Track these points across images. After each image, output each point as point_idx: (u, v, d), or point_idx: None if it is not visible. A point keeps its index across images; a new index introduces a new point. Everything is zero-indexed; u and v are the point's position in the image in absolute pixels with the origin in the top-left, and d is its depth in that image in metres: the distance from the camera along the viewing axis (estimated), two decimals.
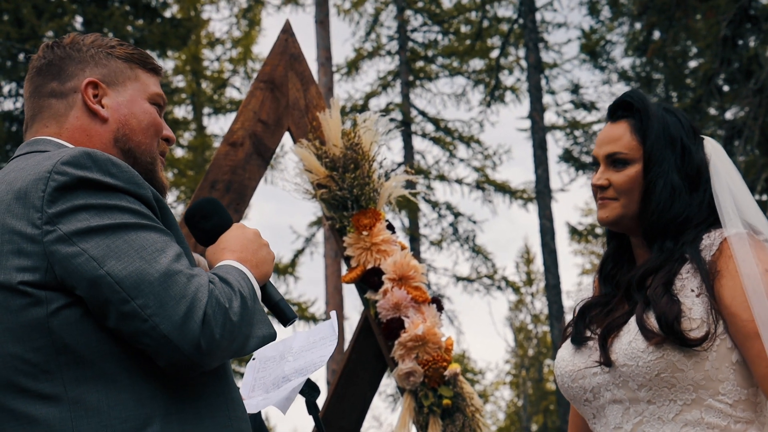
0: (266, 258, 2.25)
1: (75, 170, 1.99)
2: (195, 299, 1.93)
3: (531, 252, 35.62)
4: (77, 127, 2.25)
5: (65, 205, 1.97)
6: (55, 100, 2.27)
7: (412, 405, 4.53)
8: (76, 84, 2.26)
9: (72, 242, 1.94)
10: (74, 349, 1.96)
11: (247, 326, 2.03)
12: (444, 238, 23.08)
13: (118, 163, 2.05)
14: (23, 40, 15.13)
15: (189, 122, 22.12)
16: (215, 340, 1.94)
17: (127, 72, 2.31)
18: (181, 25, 17.36)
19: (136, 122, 2.28)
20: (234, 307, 1.99)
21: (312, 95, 4.93)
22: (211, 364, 1.97)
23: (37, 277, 1.96)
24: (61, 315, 1.95)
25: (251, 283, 2.13)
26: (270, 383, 3.37)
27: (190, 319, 1.92)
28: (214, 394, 2.10)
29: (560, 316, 19.06)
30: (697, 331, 2.43)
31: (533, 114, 20.57)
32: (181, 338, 1.91)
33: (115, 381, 1.97)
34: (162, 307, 1.91)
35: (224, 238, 2.26)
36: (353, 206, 4.64)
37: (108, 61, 2.30)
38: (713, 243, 2.53)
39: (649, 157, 2.61)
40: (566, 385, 2.64)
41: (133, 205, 2.02)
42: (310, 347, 3.38)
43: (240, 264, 2.17)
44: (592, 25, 23.01)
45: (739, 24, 15.23)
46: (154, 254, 1.96)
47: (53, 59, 2.30)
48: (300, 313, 21.09)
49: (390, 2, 23.75)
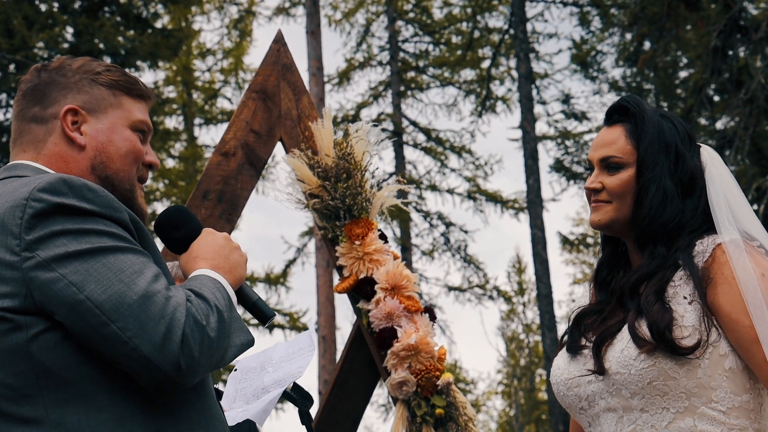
0: (239, 261, 2.27)
1: (51, 197, 2.01)
2: (173, 320, 1.95)
3: (522, 261, 35.65)
4: (54, 153, 2.26)
5: (43, 231, 1.98)
6: (36, 125, 2.28)
7: (405, 414, 4.52)
8: (57, 110, 2.27)
9: (51, 268, 1.96)
10: (54, 372, 1.97)
11: (224, 339, 2.05)
12: (435, 248, 23.08)
13: (93, 188, 2.07)
14: (14, 50, 15.11)
15: (180, 133, 22.09)
16: (194, 359, 1.97)
17: (109, 99, 2.31)
18: (172, 36, 17.34)
19: (114, 149, 2.28)
20: (211, 323, 2.02)
21: (304, 105, 4.93)
22: (191, 381, 2.00)
23: (17, 303, 1.97)
24: (41, 339, 1.97)
25: (226, 293, 2.14)
26: (250, 394, 3.38)
27: (170, 340, 1.94)
28: (194, 411, 2.12)
29: (552, 325, 19.05)
30: (688, 339, 2.43)
31: (524, 124, 20.60)
32: (161, 359, 1.94)
33: (95, 402, 1.99)
34: (142, 329, 1.93)
35: (195, 246, 2.28)
36: (345, 216, 4.64)
37: (91, 88, 2.30)
38: (706, 249, 2.53)
39: (643, 162, 2.62)
40: (562, 394, 2.64)
41: (110, 228, 2.04)
42: (289, 358, 3.39)
43: (213, 272, 2.19)
44: (583, 36, 23.06)
45: (729, 34, 15.28)
46: (132, 276, 1.98)
47: (38, 84, 2.31)
48: (291, 324, 21.05)
49: (381, 13, 23.78)
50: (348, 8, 23.57)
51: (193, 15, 21.63)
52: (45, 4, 16.10)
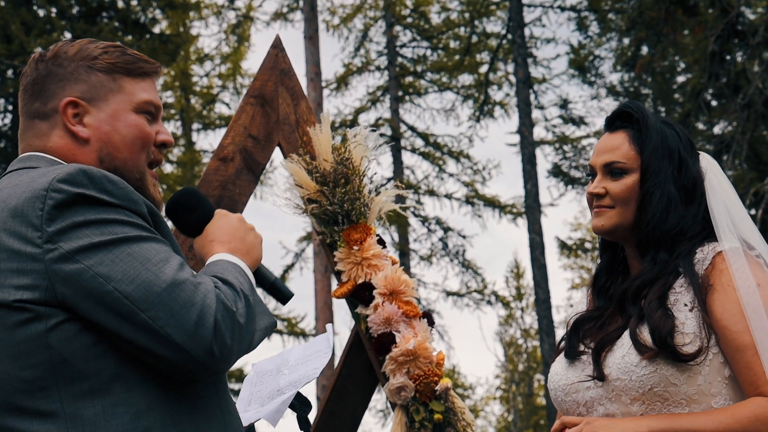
0: (255, 243, 2.26)
1: (72, 187, 1.98)
2: (204, 306, 1.94)
3: (520, 267, 35.65)
4: (61, 147, 2.21)
5: (64, 222, 1.95)
6: (39, 121, 2.24)
7: (404, 420, 4.51)
8: (56, 104, 2.20)
9: (75, 260, 1.93)
10: (71, 364, 1.95)
11: (251, 323, 2.05)
12: (434, 253, 23.08)
13: (113, 180, 2.04)
14: (12, 56, 15.11)
15: (178, 138, 22.10)
16: (227, 345, 1.96)
17: (109, 84, 2.22)
18: (170, 41, 17.36)
19: (119, 138, 2.21)
20: (240, 309, 2.01)
21: (302, 110, 4.93)
22: (225, 368, 1.99)
23: (37, 295, 1.94)
24: (60, 330, 1.95)
25: (247, 277, 2.14)
26: (266, 396, 3.37)
27: (202, 327, 1.93)
28: (211, 406, 2.10)
29: (550, 330, 19.05)
30: (689, 346, 2.43)
31: (522, 129, 20.61)
32: (195, 346, 1.93)
33: (111, 395, 1.96)
34: (173, 317, 1.92)
35: (211, 230, 2.26)
36: (344, 221, 4.63)
37: (89, 76, 2.21)
38: (706, 257, 2.54)
39: (647, 168, 2.62)
40: (559, 399, 2.64)
41: (131, 219, 2.01)
42: (305, 360, 3.38)
43: (232, 256, 2.17)
44: (581, 41, 23.10)
45: (726, 39, 15.31)
46: (159, 265, 1.96)
47: (36, 77, 2.25)
48: (289, 329, 21.04)
49: (379, 18, 23.81)
50: (346, 13, 23.59)
51: (191, 20, 21.64)
52: (43, 10, 16.11)
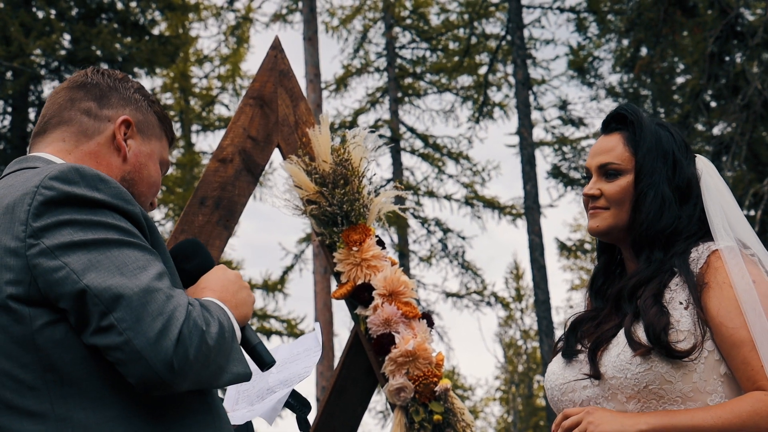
0: (246, 300, 2.25)
1: (62, 185, 1.99)
2: (172, 317, 1.91)
3: (520, 268, 35.65)
4: (93, 151, 2.28)
5: (50, 219, 1.97)
6: (87, 118, 2.30)
7: (403, 421, 4.51)
8: (113, 115, 2.32)
9: (54, 256, 1.94)
10: (60, 367, 1.95)
11: (222, 357, 2.02)
12: (433, 254, 23.09)
13: (106, 179, 2.05)
14: (11, 58, 15.11)
15: (177, 139, 22.09)
16: (188, 361, 1.91)
17: (156, 129, 2.41)
18: (169, 43, 17.37)
19: (146, 174, 2.35)
20: (211, 332, 1.98)
21: (301, 111, 4.93)
22: (181, 385, 1.94)
23: (21, 290, 1.95)
24: (47, 332, 1.95)
25: (230, 320, 2.11)
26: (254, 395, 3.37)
27: (165, 337, 1.89)
28: (201, 410, 2.09)
29: (550, 331, 19.05)
30: (684, 343, 2.45)
31: (521, 130, 20.62)
32: (154, 355, 1.89)
33: (101, 398, 1.96)
34: (138, 323, 1.89)
35: (205, 279, 2.26)
36: (343, 222, 4.63)
37: (147, 112, 2.39)
38: (701, 256, 2.56)
39: (641, 168, 2.65)
40: (556, 399, 2.65)
41: (118, 222, 2.01)
42: (294, 358, 3.38)
43: (220, 302, 2.16)
44: (580, 42, 23.11)
45: (725, 40, 15.31)
46: (135, 271, 1.95)
47: (100, 83, 2.35)
48: (289, 330, 21.05)
49: (378, 19, 23.82)
50: (345, 15, 23.60)
51: (191, 22, 21.64)
52: (42, 12, 16.11)
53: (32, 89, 16.46)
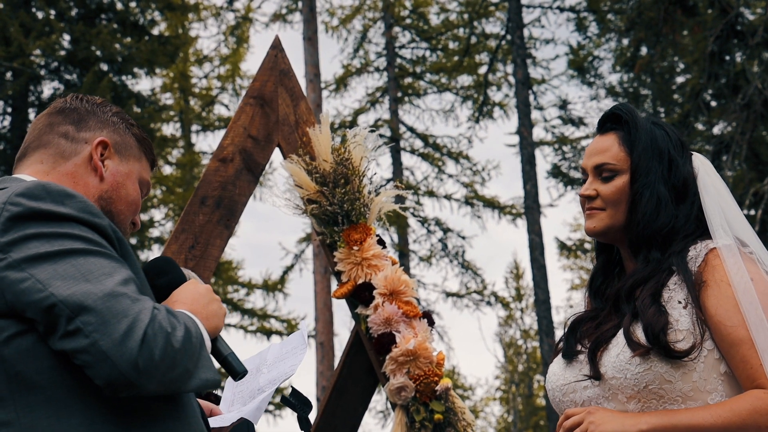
0: (217, 312, 2.28)
1: (28, 201, 2.04)
2: (137, 319, 1.95)
3: (520, 267, 35.64)
4: (70, 172, 2.33)
5: (17, 234, 2.01)
6: (65, 141, 2.36)
7: (404, 420, 4.52)
8: (90, 137, 2.37)
9: (21, 268, 1.98)
10: (26, 376, 1.98)
11: (190, 361, 2.04)
12: (433, 254, 23.08)
13: (72, 194, 2.10)
14: (10, 58, 15.11)
15: (177, 139, 22.07)
16: (154, 361, 1.94)
17: (135, 151, 2.46)
18: (169, 43, 17.37)
19: (124, 193, 2.40)
20: (177, 335, 2.00)
21: (302, 111, 4.93)
22: (147, 386, 1.96)
23: None
24: (14, 343, 1.99)
25: (199, 329, 2.14)
26: (247, 396, 3.40)
27: (130, 338, 1.93)
28: (170, 419, 2.12)
29: (550, 331, 19.04)
30: (683, 343, 2.45)
31: (521, 129, 20.61)
32: (119, 355, 1.92)
33: (67, 406, 1.99)
34: (103, 325, 1.93)
35: (176, 293, 2.30)
36: (344, 221, 4.64)
37: (125, 133, 2.45)
38: (699, 254, 2.56)
39: (636, 168, 2.65)
40: (557, 399, 2.65)
41: (85, 233, 2.05)
42: (283, 357, 3.41)
43: (190, 313, 2.18)
44: (580, 41, 23.10)
45: (726, 39, 15.31)
46: (101, 277, 1.99)
47: (79, 108, 2.42)
48: (289, 330, 21.04)
49: (378, 19, 23.82)
50: (345, 14, 23.60)
51: (190, 22, 21.63)
52: (42, 12, 16.11)
53: (32, 89, 16.47)
